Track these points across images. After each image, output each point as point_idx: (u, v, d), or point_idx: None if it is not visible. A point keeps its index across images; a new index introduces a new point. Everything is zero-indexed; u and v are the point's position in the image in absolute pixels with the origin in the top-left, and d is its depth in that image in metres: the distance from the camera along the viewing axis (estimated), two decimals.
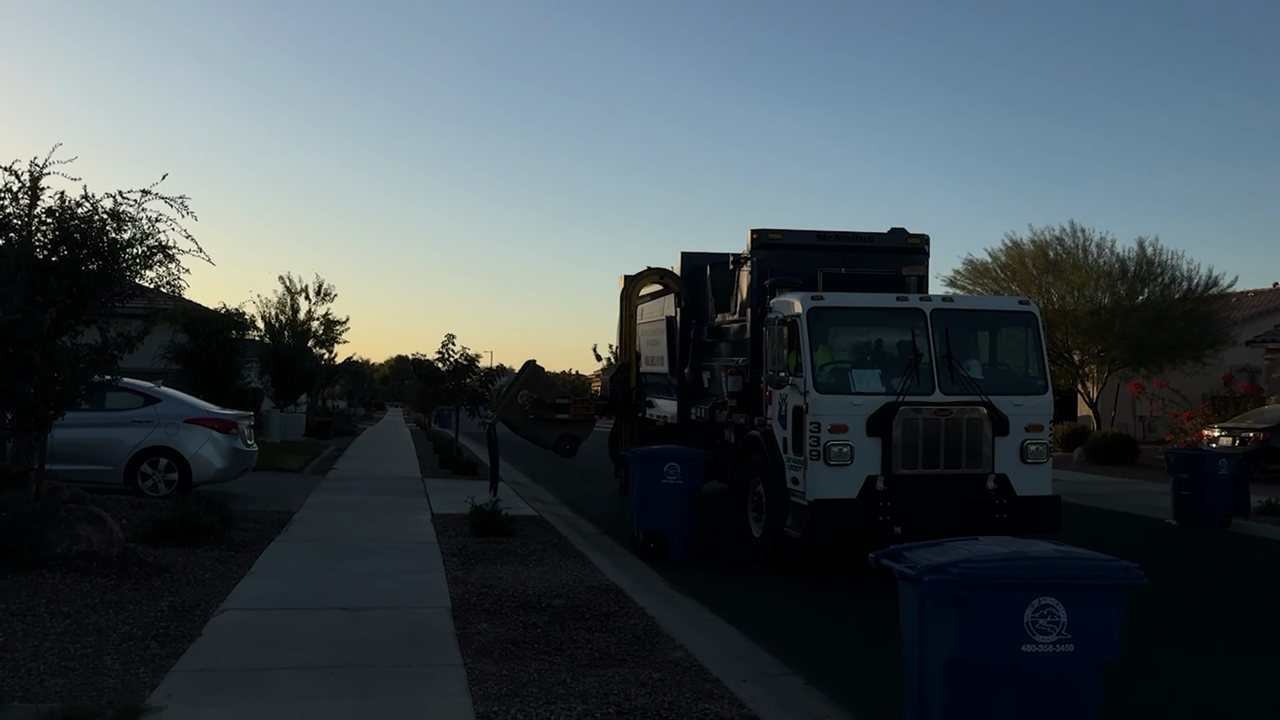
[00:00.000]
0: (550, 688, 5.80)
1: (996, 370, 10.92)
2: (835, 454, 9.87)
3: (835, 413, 9.94)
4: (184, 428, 13.84)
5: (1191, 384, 30.02)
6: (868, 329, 11.20)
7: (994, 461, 10.10)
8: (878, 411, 9.92)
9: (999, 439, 10.11)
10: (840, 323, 10.91)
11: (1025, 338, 10.93)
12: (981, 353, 10.99)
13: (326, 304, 35.54)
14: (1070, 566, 4.23)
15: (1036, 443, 10.30)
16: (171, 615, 7.27)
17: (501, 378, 31.18)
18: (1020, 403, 10.31)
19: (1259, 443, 20.85)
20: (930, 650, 4.28)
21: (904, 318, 10.47)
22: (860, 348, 11.16)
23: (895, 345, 10.67)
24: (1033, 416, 10.36)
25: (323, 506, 14.03)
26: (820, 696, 6.07)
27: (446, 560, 9.89)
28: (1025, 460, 10.24)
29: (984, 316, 11.40)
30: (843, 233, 12.33)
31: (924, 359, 10.14)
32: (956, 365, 10.21)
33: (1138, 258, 29.38)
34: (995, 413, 10.11)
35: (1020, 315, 11.09)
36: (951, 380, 10.14)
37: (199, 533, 10.01)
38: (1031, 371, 10.82)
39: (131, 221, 9.56)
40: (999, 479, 10.12)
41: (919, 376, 10.09)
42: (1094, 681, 4.18)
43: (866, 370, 10.65)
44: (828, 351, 10.59)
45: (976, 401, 10.09)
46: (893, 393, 10.02)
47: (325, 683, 5.81)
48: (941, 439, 10.01)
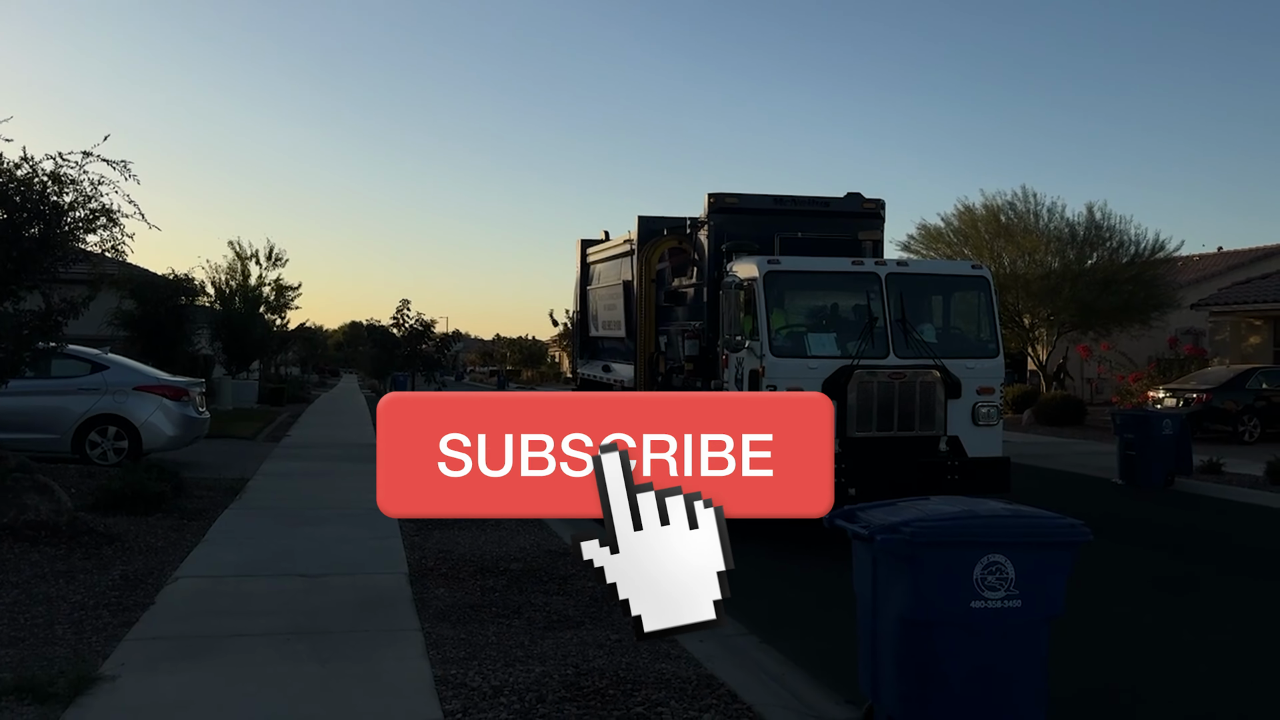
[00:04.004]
0: (508, 650, 5.84)
1: (949, 334, 11.05)
2: None
3: (791, 376, 9.98)
4: (133, 395, 13.63)
5: (1138, 347, 30.66)
6: (823, 293, 11.26)
7: (946, 424, 10.25)
8: (833, 375, 9.99)
9: (951, 402, 10.25)
10: (796, 286, 10.98)
11: (978, 302, 11.07)
12: (935, 317, 11.09)
13: (278, 269, 35.01)
14: (1018, 525, 4.32)
15: (987, 405, 10.45)
16: (124, 584, 7.19)
17: (458, 343, 30.98)
18: (972, 366, 10.46)
19: (1202, 404, 21.35)
20: (883, 608, 4.36)
21: (859, 282, 10.54)
22: (816, 312, 11.21)
23: (850, 309, 10.75)
24: (984, 379, 10.51)
25: (277, 474, 13.91)
26: (776, 655, 6.16)
27: (403, 526, 9.86)
28: (976, 422, 10.39)
29: (938, 281, 11.51)
30: (799, 197, 12.33)
31: (879, 323, 10.22)
32: (910, 329, 10.30)
33: (1087, 222, 29.86)
34: (948, 376, 10.24)
35: (973, 279, 11.24)
36: (906, 344, 10.24)
37: (150, 501, 9.88)
38: (983, 335, 10.95)
39: (73, 184, 9.33)
40: (951, 441, 10.27)
41: (874, 340, 10.16)
42: (1041, 636, 4.28)
43: (822, 334, 10.71)
44: (783, 315, 10.62)
45: (930, 365, 10.22)
46: (848, 356, 10.09)
47: (282, 649, 5.79)
48: (895, 402, 10.11)
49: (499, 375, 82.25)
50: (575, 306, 17.99)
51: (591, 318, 17.09)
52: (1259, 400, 21.48)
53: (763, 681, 5.54)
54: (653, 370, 12.91)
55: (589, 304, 17.17)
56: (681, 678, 5.38)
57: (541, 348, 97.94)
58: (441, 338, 23.50)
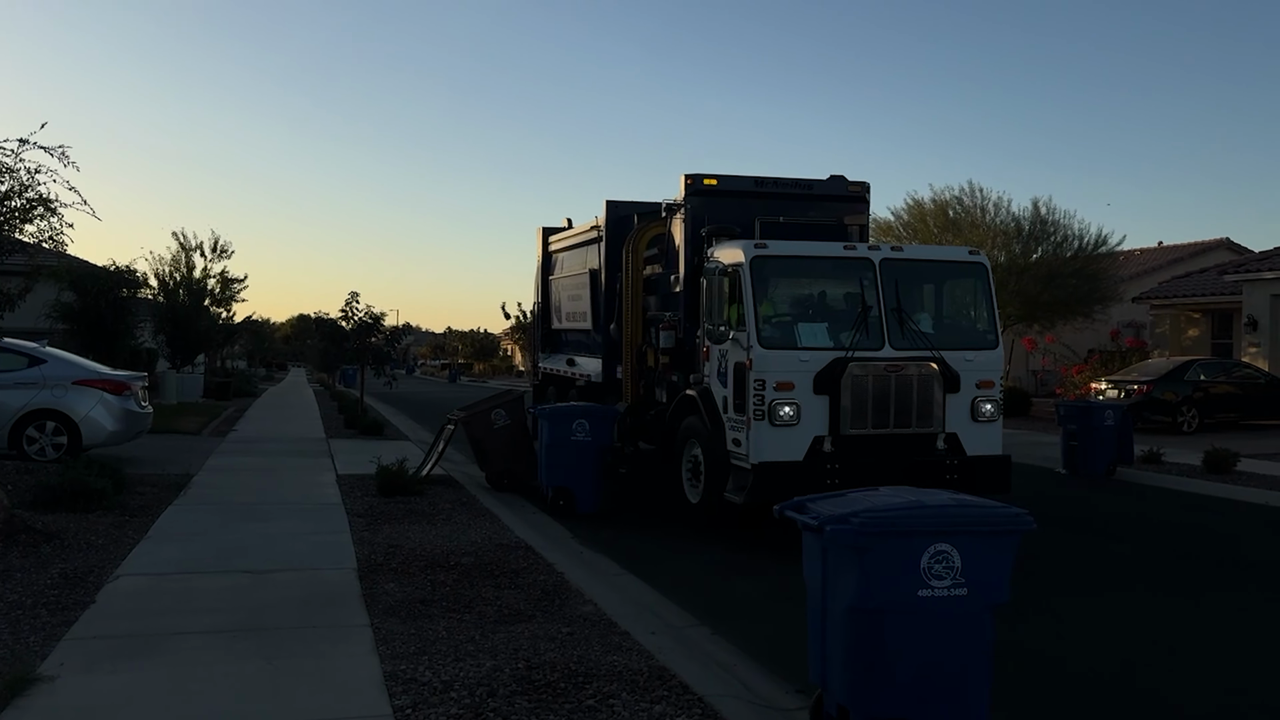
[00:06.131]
0: (459, 645, 5.80)
1: (945, 324, 10.45)
2: (781, 414, 9.33)
3: (781, 369, 9.40)
4: (73, 389, 13.31)
5: (1081, 339, 31.27)
6: (812, 280, 10.55)
7: (944, 420, 9.75)
8: (826, 368, 9.41)
9: (949, 396, 9.74)
10: (785, 273, 10.32)
11: (975, 289, 10.51)
12: (930, 305, 10.48)
13: (223, 261, 34.38)
14: (964, 514, 4.38)
15: (987, 400, 9.95)
16: (63, 582, 7.02)
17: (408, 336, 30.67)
18: (971, 358, 9.93)
19: (1143, 395, 21.81)
20: (832, 597, 4.40)
21: (852, 268, 9.97)
22: (805, 300, 10.56)
23: (842, 297, 10.18)
24: (983, 372, 9.99)
25: (223, 469, 13.68)
26: (727, 646, 6.20)
27: (352, 521, 9.76)
28: (976, 419, 9.91)
29: (934, 267, 10.80)
30: (781, 179, 11.66)
31: (873, 312, 9.65)
32: (906, 318, 9.74)
33: (1032, 217, 30.30)
34: (946, 369, 9.71)
35: (970, 266, 10.54)
36: (901, 334, 9.68)
37: (91, 498, 9.67)
38: (981, 325, 10.39)
39: (9, 172, 9.09)
40: (949, 438, 9.78)
41: (868, 330, 9.60)
42: (986, 623, 4.35)
43: (813, 324, 10.05)
44: (770, 304, 10.01)
45: (927, 357, 9.67)
46: (841, 347, 9.51)
47: (228, 647, 5.69)
48: (891, 397, 9.56)
49: (451, 369, 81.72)
50: (536, 298, 17.25)
51: (554, 309, 16.31)
52: (1197, 391, 22.00)
53: (714, 672, 5.56)
54: (642, 364, 12.16)
55: (551, 295, 16.40)
56: (633, 669, 5.39)
57: (494, 341, 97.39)
58: (392, 330, 23.17)
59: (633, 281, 12.20)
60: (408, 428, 23.05)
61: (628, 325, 12.21)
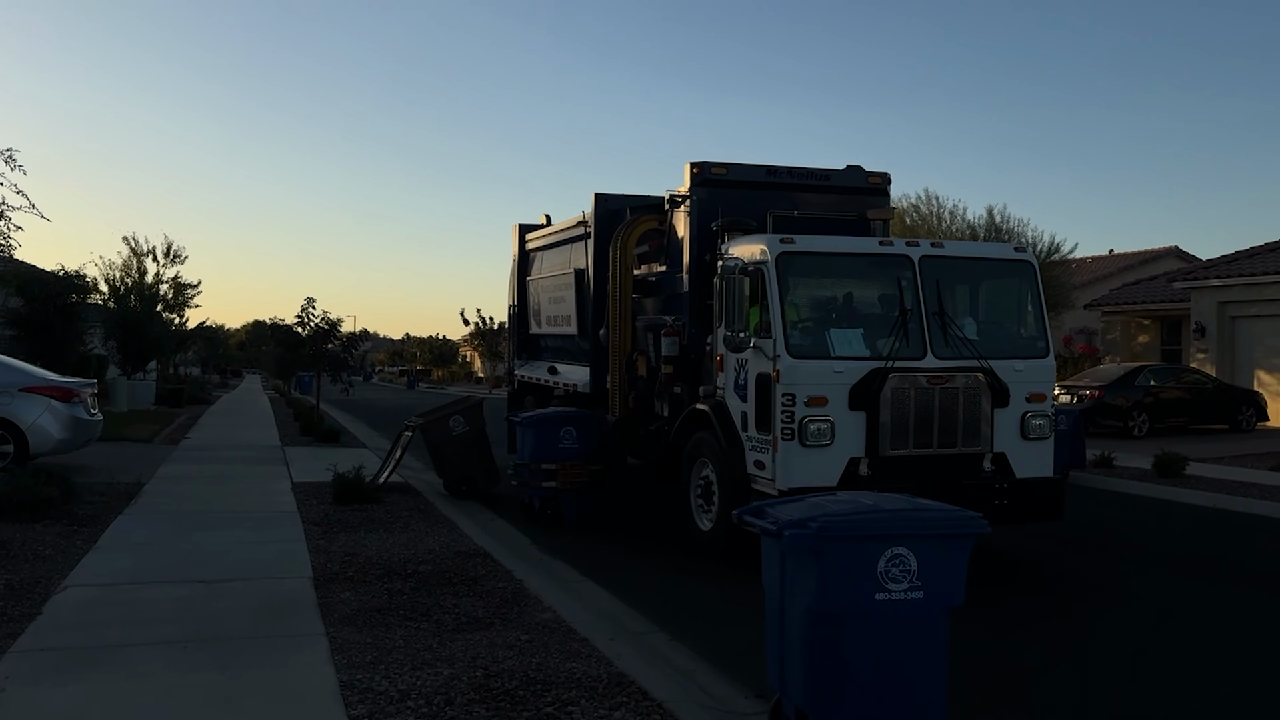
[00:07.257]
0: (416, 653, 5.75)
1: (991, 330, 9.35)
2: (813, 432, 8.23)
3: (812, 381, 8.30)
4: (19, 396, 13.04)
5: None
6: (844, 280, 9.35)
7: (993, 439, 8.69)
8: (862, 380, 8.33)
9: (998, 412, 8.69)
10: (814, 272, 9.17)
11: (1022, 291, 9.42)
12: (974, 309, 9.48)
13: (176, 266, 33.99)
14: (920, 518, 4.42)
15: (1039, 415, 8.87)
16: (8, 594, 6.86)
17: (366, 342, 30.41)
18: (1021, 368, 8.88)
19: (1095, 400, 22.17)
20: (791, 601, 4.42)
21: (889, 266, 8.88)
22: (835, 303, 9.31)
23: (876, 299, 9.12)
24: (1035, 384, 8.92)
25: (175, 477, 13.46)
26: (686, 651, 6.20)
27: (308, 529, 9.65)
28: (1026, 436, 8.82)
29: (977, 265, 9.61)
30: (795, 169, 10.69)
31: (912, 316, 8.63)
32: (950, 323, 8.73)
33: (987, 224, 30.74)
34: (995, 380, 8.68)
35: (1018, 265, 9.45)
36: (945, 342, 8.64)
37: (37, 507, 9.49)
38: (1030, 330, 9.33)
39: None
40: (997, 459, 8.72)
41: (908, 337, 8.54)
42: (942, 625, 4.39)
43: (846, 330, 8.90)
44: (797, 308, 8.89)
45: (974, 367, 8.64)
46: (879, 356, 8.44)
47: (180, 657, 5.60)
48: (935, 413, 8.50)
49: (409, 375, 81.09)
50: (511, 300, 16.06)
51: (533, 312, 15.09)
52: (1147, 397, 22.41)
53: (673, 678, 5.56)
54: (632, 373, 11.12)
55: (530, 297, 15.19)
56: (592, 676, 5.37)
57: (453, 347, 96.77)
58: (348, 337, 22.96)
59: (621, 282, 11.09)
60: (365, 435, 22.85)
61: (615, 330, 11.18)
